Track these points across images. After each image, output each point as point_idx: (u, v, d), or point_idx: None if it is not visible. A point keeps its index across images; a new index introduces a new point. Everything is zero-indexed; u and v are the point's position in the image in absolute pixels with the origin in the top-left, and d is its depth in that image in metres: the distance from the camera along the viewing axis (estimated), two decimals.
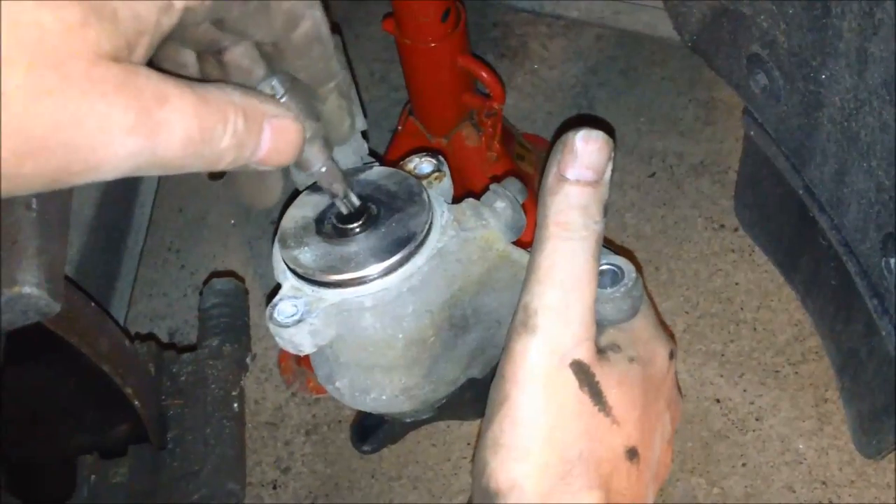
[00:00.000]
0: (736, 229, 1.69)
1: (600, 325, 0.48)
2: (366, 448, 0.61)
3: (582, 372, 0.46)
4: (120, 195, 1.28)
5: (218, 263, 1.79)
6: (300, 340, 0.48)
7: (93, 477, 1.08)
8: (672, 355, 0.53)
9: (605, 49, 1.96)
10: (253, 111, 0.41)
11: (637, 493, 0.48)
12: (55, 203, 0.68)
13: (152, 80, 0.36)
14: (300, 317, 0.48)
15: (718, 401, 1.54)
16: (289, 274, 0.50)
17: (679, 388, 0.57)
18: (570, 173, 0.46)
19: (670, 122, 1.85)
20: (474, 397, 0.56)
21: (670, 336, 0.53)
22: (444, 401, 0.56)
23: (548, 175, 0.47)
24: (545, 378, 0.45)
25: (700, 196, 1.76)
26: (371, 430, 0.61)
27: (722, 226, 1.71)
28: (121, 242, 1.27)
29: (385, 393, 0.53)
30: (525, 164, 1.64)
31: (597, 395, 0.46)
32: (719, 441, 1.50)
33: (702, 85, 1.87)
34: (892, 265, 0.65)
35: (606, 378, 0.46)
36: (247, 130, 0.40)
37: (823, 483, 1.44)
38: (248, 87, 0.43)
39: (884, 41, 0.57)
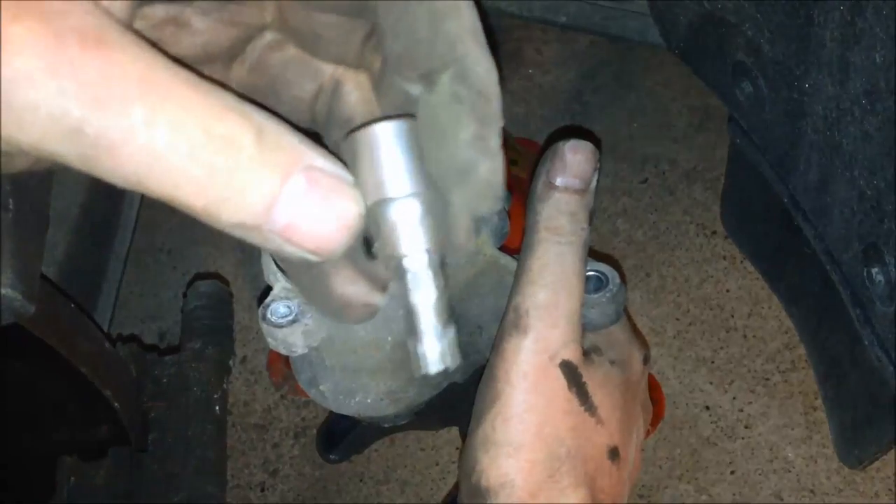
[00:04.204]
0: (727, 236, 1.68)
1: (584, 329, 0.49)
2: (333, 457, 0.61)
3: (570, 372, 0.47)
4: (107, 195, 1.27)
5: (210, 265, 1.79)
6: (294, 341, 0.48)
7: (72, 478, 1.08)
8: (646, 360, 0.54)
9: (599, 54, 1.96)
10: (275, 136, 0.27)
11: (617, 492, 0.49)
12: (32, 203, 0.68)
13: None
14: (294, 317, 0.48)
15: (708, 408, 1.53)
16: (280, 275, 0.50)
17: (661, 393, 0.57)
18: (559, 181, 0.48)
19: (663, 128, 1.85)
20: (439, 406, 0.56)
21: (643, 342, 0.54)
22: (423, 406, 0.56)
23: (537, 182, 0.49)
24: (535, 376, 0.46)
25: (692, 202, 1.75)
26: (338, 438, 0.60)
27: (714, 232, 1.71)
28: (107, 243, 1.27)
29: (370, 396, 0.53)
30: (518, 169, 1.64)
31: (583, 395, 0.47)
32: (708, 448, 1.50)
33: (695, 91, 1.87)
34: (874, 275, 0.65)
35: (592, 379, 0.48)
36: (254, 162, 0.26)
37: (811, 491, 1.44)
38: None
39: (865, 51, 0.57)
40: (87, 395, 0.99)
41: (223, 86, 0.28)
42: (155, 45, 0.27)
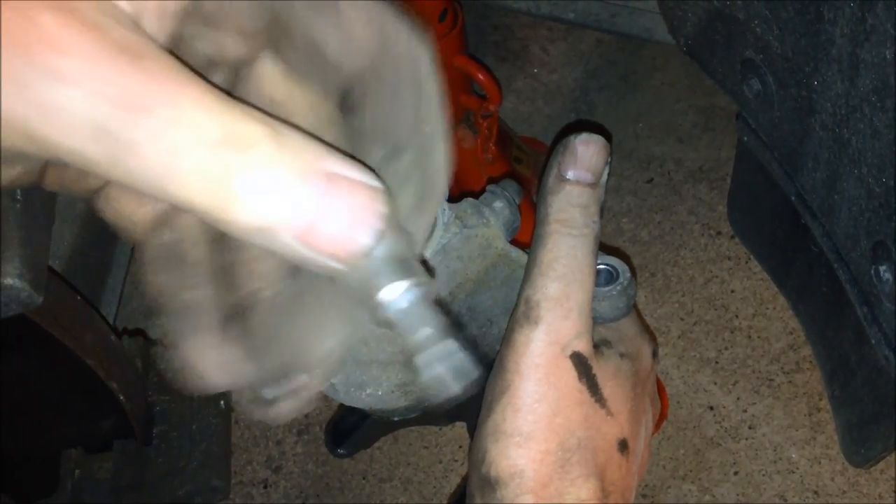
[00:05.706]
0: (733, 236, 1.68)
1: (594, 322, 0.49)
2: (341, 451, 0.61)
3: (581, 363, 0.47)
4: None
5: None
6: None
7: (77, 471, 1.08)
8: (655, 354, 0.54)
9: (605, 53, 1.96)
10: (293, 139, 0.27)
11: (626, 484, 0.49)
12: (40, 194, 0.68)
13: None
14: None
15: (712, 408, 1.53)
16: None
17: (665, 393, 0.57)
18: (570, 174, 0.48)
19: (669, 127, 1.85)
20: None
21: (652, 336, 0.54)
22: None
23: (548, 175, 0.49)
24: (546, 367, 0.46)
25: (697, 202, 1.75)
26: (346, 433, 0.60)
27: (719, 232, 1.71)
28: (113, 238, 1.26)
29: (381, 389, 0.53)
30: (522, 168, 1.64)
31: (594, 386, 0.47)
32: (712, 448, 1.50)
33: (701, 91, 1.87)
34: (882, 273, 0.64)
35: (602, 371, 0.48)
36: (272, 162, 0.26)
37: (815, 492, 1.44)
38: None
39: (875, 47, 0.57)
40: (93, 387, 0.99)
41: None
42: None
